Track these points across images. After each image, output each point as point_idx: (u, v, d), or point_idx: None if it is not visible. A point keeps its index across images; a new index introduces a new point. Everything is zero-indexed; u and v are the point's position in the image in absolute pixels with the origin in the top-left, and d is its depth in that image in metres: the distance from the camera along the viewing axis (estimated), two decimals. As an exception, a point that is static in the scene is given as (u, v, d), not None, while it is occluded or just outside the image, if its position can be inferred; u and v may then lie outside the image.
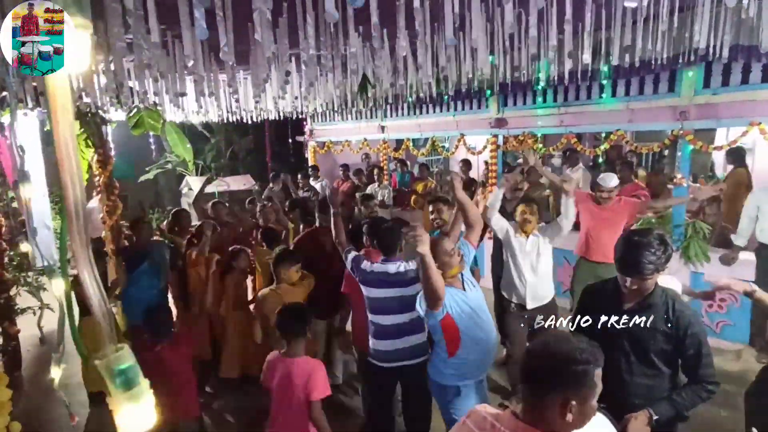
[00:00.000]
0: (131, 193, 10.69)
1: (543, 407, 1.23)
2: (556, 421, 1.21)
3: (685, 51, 3.36)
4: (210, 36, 1.83)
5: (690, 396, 2.00)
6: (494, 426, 1.29)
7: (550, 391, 1.23)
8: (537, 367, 1.27)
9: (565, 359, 1.22)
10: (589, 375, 1.22)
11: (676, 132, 4.68)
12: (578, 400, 1.20)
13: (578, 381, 1.21)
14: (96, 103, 4.13)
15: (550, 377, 1.24)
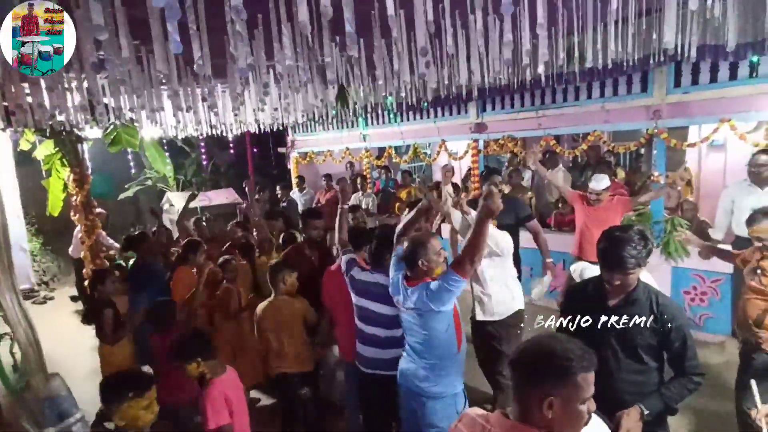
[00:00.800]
0: (111, 212, 10.48)
1: (526, 403, 1.24)
2: (538, 416, 1.21)
3: (654, 52, 3.45)
4: (185, 50, 1.82)
5: (678, 389, 2.03)
6: (484, 427, 1.30)
7: (530, 385, 1.24)
8: (521, 361, 1.28)
9: (546, 353, 1.24)
10: (570, 373, 1.21)
11: (651, 131, 4.79)
12: (558, 398, 1.20)
13: (558, 377, 1.21)
14: (70, 121, 4.05)
15: (530, 370, 1.25)
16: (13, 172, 6.59)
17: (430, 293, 2.35)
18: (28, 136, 5.65)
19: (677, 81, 4.63)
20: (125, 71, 2.27)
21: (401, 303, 2.50)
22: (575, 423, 1.24)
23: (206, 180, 11.25)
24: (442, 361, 2.46)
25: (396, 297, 2.54)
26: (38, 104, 3.00)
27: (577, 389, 1.21)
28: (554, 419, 1.20)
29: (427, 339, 2.44)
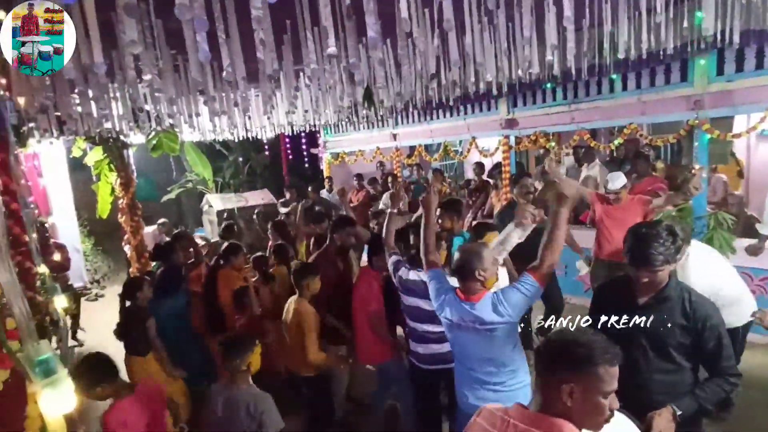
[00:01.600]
0: (155, 214, 11.01)
1: (547, 389, 1.27)
2: (558, 404, 1.23)
3: (694, 39, 3.31)
4: (216, 56, 1.91)
5: (712, 389, 1.95)
6: (504, 419, 1.31)
7: (552, 371, 1.27)
8: (546, 349, 1.32)
9: (570, 342, 1.26)
10: (593, 363, 1.22)
11: (692, 122, 4.59)
12: (579, 386, 1.22)
13: (579, 365, 1.23)
14: (116, 129, 4.30)
15: (553, 357, 1.28)
16: (67, 177, 7.05)
17: (507, 302, 2.12)
18: (79, 143, 6.03)
19: (720, 69, 4.41)
20: (163, 79, 2.41)
21: (459, 320, 2.22)
22: (596, 416, 1.23)
23: (243, 182, 11.61)
24: (516, 376, 2.26)
25: (448, 314, 2.26)
26: (86, 113, 3.22)
27: (598, 381, 1.22)
28: (574, 408, 1.22)
29: (496, 358, 2.20)
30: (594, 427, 1.25)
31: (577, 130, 5.59)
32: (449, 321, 2.26)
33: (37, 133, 4.13)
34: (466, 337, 2.22)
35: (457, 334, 2.27)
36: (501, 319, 2.13)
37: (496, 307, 2.14)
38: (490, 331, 2.15)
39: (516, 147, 6.53)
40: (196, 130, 5.52)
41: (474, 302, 2.18)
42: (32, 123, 3.67)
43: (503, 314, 2.13)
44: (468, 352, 2.26)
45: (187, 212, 11.81)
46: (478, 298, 2.19)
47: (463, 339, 2.24)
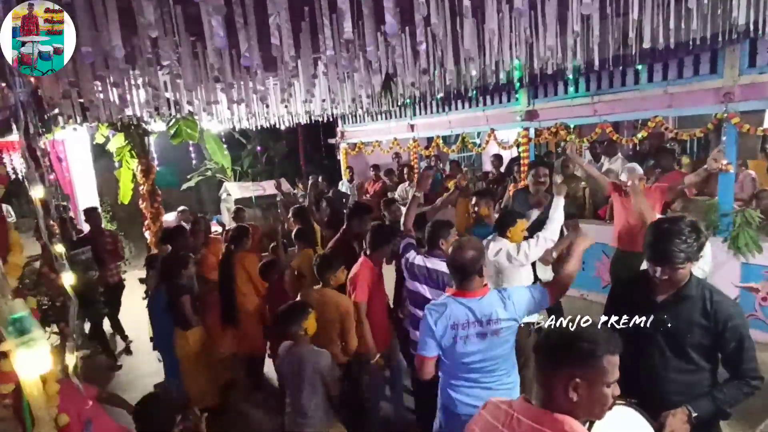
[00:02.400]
0: (176, 201, 11.21)
1: (550, 386, 1.25)
2: (562, 399, 1.22)
3: (725, 29, 3.18)
4: (234, 43, 1.91)
5: (732, 392, 1.89)
6: (508, 413, 1.31)
7: (555, 367, 1.25)
8: (547, 343, 1.30)
9: (572, 336, 1.25)
10: (596, 355, 1.21)
11: (721, 115, 4.43)
12: (583, 379, 1.21)
13: (583, 358, 1.22)
14: (137, 115, 4.37)
15: (556, 352, 1.26)
16: (90, 164, 7.21)
17: (513, 299, 2.11)
18: (102, 130, 6.16)
19: (752, 60, 4.23)
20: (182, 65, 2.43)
21: (460, 321, 2.12)
22: (600, 406, 1.24)
23: (261, 170, 11.71)
24: (510, 375, 2.23)
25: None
26: (108, 99, 3.27)
27: (602, 372, 1.22)
28: (579, 402, 1.21)
29: (497, 357, 2.14)
30: (598, 416, 1.27)
31: (600, 123, 5.45)
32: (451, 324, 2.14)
33: (61, 119, 4.22)
34: (466, 335, 2.12)
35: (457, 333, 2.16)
36: (507, 315, 2.09)
37: (503, 302, 2.11)
38: (494, 330, 2.08)
39: (536, 139, 6.42)
40: (215, 118, 5.57)
41: (477, 298, 2.11)
42: (56, 109, 3.75)
43: (509, 310, 2.09)
44: (468, 351, 2.13)
45: (206, 200, 11.99)
46: (481, 293, 2.13)
47: (464, 338, 2.13)
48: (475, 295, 2.11)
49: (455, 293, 2.15)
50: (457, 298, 2.13)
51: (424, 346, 2.14)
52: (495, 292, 2.16)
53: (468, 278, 2.12)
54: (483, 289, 2.14)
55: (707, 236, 1.91)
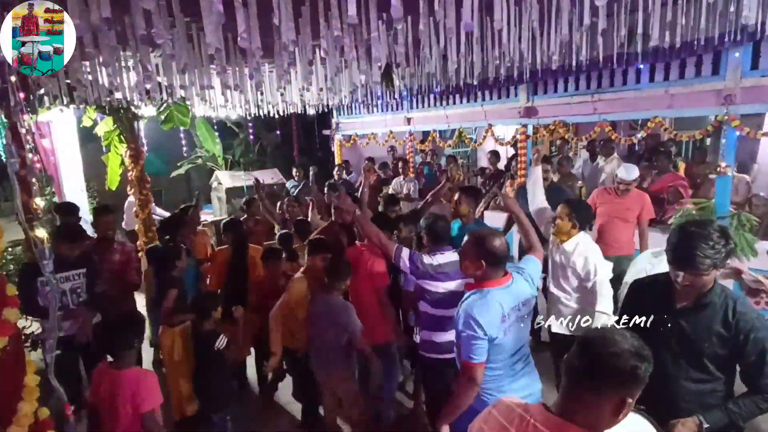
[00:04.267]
0: (165, 188, 11.00)
1: (594, 405, 1.17)
2: (604, 419, 1.16)
3: (731, 30, 3.14)
4: (232, 25, 1.82)
5: (748, 406, 1.82)
6: (523, 417, 1.23)
7: (610, 389, 1.17)
8: (598, 362, 1.18)
9: (627, 357, 1.16)
10: (644, 375, 1.17)
11: (721, 117, 4.41)
12: (633, 398, 1.17)
13: (641, 380, 1.17)
14: (127, 99, 4.22)
15: (615, 375, 1.16)
16: (77, 147, 6.99)
17: (529, 272, 2.25)
18: (90, 113, 5.97)
19: (755, 63, 4.21)
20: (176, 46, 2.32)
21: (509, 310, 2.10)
22: (623, 416, 1.19)
23: (253, 160, 11.54)
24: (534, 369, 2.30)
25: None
26: (97, 81, 3.14)
27: (642, 386, 1.18)
28: (619, 419, 1.17)
29: (525, 345, 2.23)
30: (614, 425, 1.21)
31: (598, 122, 5.41)
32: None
33: (47, 99, 4.06)
34: (510, 324, 2.09)
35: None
36: (531, 290, 2.20)
37: (525, 279, 2.20)
38: (528, 311, 2.17)
39: (533, 137, 6.37)
40: (208, 104, 5.43)
41: (508, 283, 2.12)
42: (42, 89, 3.60)
43: (531, 284, 2.21)
44: (514, 339, 2.12)
45: (196, 188, 11.80)
46: (509, 278, 2.14)
47: (508, 328, 2.10)
48: (507, 280, 2.13)
49: (490, 283, 2.10)
50: (495, 289, 2.08)
51: (476, 350, 2.00)
52: (514, 272, 2.19)
53: (503, 266, 2.15)
54: (507, 276, 2.15)
55: (734, 244, 1.84)
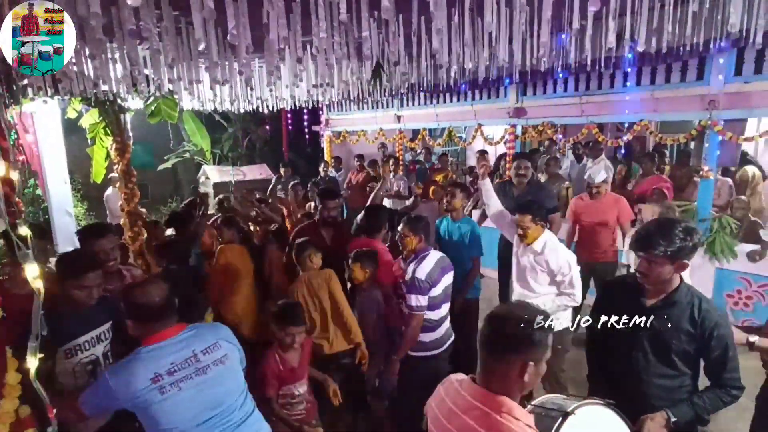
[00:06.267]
0: (151, 182, 10.86)
1: (501, 370, 1.32)
2: (513, 382, 1.31)
3: (716, 36, 3.20)
4: (222, 20, 1.80)
5: (712, 400, 1.92)
6: (458, 391, 1.39)
7: (510, 354, 1.31)
8: (498, 332, 1.34)
9: (526, 324, 1.31)
10: (545, 337, 1.31)
11: (704, 122, 4.49)
12: (535, 361, 1.30)
13: (536, 344, 1.30)
14: (113, 91, 4.15)
15: (511, 341, 1.31)
16: (61, 139, 6.86)
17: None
18: (75, 104, 5.86)
19: (738, 69, 4.30)
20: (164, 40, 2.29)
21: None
22: (538, 378, 1.34)
23: (242, 155, 11.45)
24: None
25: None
26: (82, 72, 3.09)
27: (546, 350, 1.32)
28: (528, 382, 1.30)
29: None
30: (533, 387, 1.37)
31: (586, 124, 5.48)
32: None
33: (31, 90, 3.98)
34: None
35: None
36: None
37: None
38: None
39: (522, 137, 6.43)
40: (196, 99, 5.36)
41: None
42: (25, 79, 3.52)
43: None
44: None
45: (183, 182, 11.66)
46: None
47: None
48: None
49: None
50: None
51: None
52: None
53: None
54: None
55: (698, 245, 1.90)
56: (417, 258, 2.81)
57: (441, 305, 2.82)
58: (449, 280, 2.87)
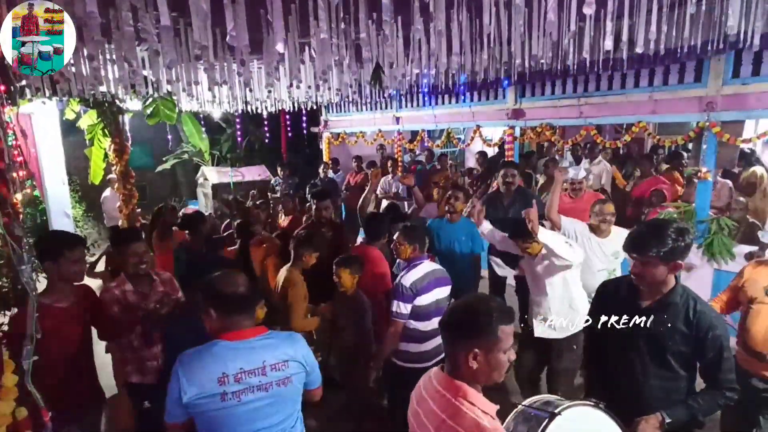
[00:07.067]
0: (150, 184, 10.84)
1: (454, 356, 1.41)
2: (465, 368, 1.38)
3: (714, 38, 3.21)
4: (221, 22, 1.80)
5: (707, 401, 1.91)
6: (429, 380, 1.50)
7: (457, 339, 1.40)
8: (451, 320, 1.44)
9: (471, 312, 1.40)
10: (492, 326, 1.36)
11: (702, 124, 4.50)
12: (481, 349, 1.36)
13: (480, 330, 1.36)
14: (111, 93, 4.15)
15: (458, 326, 1.41)
16: (59, 140, 6.85)
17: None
18: (73, 105, 5.86)
19: (736, 71, 4.31)
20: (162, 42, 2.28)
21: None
22: (497, 371, 1.39)
23: (240, 156, 11.43)
24: None
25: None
26: (80, 73, 3.08)
27: (497, 341, 1.37)
28: (479, 369, 1.36)
29: None
30: (497, 380, 1.42)
31: (584, 125, 5.49)
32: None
33: (29, 91, 3.97)
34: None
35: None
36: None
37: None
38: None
39: (520, 138, 6.44)
40: (195, 100, 5.36)
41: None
42: (23, 80, 3.52)
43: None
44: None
45: (181, 183, 11.64)
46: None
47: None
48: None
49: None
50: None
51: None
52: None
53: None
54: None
55: (691, 245, 1.90)
56: (408, 266, 2.81)
57: (431, 317, 2.74)
58: (443, 293, 2.81)
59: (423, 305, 2.72)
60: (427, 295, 2.73)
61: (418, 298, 2.70)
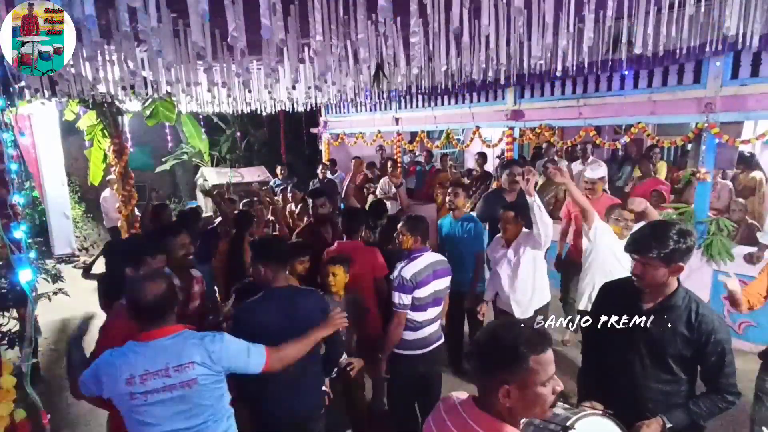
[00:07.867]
0: (149, 184, 10.83)
1: (486, 391, 1.24)
2: (500, 406, 1.21)
3: (713, 39, 3.21)
4: (220, 23, 1.80)
5: (708, 405, 1.90)
6: (458, 411, 1.31)
7: (489, 375, 1.23)
8: (476, 352, 1.27)
9: (496, 343, 1.22)
10: (523, 358, 1.18)
11: (701, 125, 4.51)
12: (514, 384, 1.18)
13: (511, 364, 1.18)
14: (111, 94, 4.15)
15: (487, 361, 1.24)
16: (58, 141, 6.86)
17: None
18: (72, 106, 5.86)
19: (735, 72, 4.31)
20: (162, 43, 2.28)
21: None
22: (537, 406, 1.22)
23: (240, 157, 11.43)
24: None
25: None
26: (79, 74, 3.08)
27: (531, 373, 1.18)
28: (513, 407, 1.20)
29: None
30: (540, 415, 1.25)
31: (583, 126, 5.50)
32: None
33: (28, 92, 3.97)
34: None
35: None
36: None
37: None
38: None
39: (519, 139, 6.44)
40: (194, 101, 5.37)
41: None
42: (22, 81, 3.51)
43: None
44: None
45: (181, 184, 11.63)
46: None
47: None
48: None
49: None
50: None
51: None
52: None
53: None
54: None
55: (693, 247, 1.90)
56: (409, 257, 2.83)
57: (427, 308, 2.80)
58: (442, 284, 2.86)
59: (421, 297, 2.76)
60: (426, 288, 2.77)
61: (416, 290, 2.73)
